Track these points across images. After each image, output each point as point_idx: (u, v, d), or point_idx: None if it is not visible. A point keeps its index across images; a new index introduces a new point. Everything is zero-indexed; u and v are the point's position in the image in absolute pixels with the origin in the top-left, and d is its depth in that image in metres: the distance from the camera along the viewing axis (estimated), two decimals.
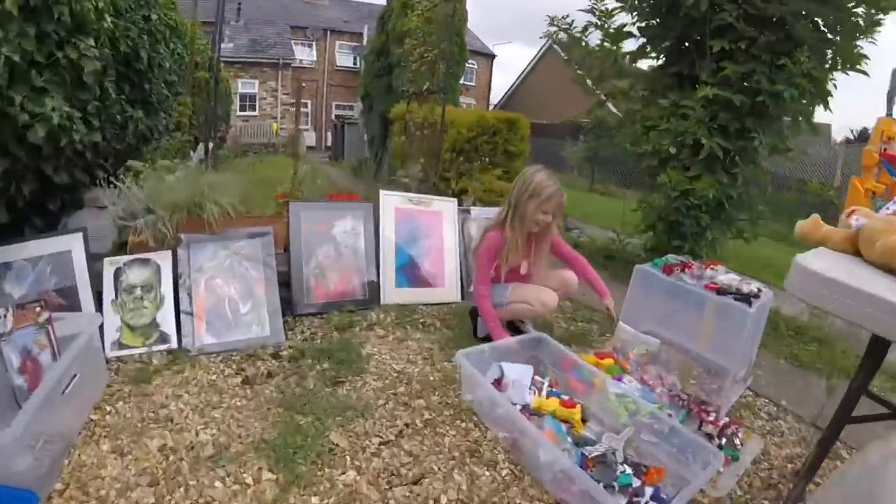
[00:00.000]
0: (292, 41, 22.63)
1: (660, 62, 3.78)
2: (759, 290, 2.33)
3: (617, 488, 1.63)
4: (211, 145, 3.43)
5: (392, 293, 2.96)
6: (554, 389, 2.16)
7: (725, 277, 2.42)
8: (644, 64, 3.97)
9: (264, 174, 4.45)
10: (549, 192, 2.34)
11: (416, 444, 1.86)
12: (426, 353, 2.49)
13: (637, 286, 2.69)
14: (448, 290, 3.16)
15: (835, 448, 2.27)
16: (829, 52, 3.12)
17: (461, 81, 9.90)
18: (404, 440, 1.87)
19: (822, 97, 3.04)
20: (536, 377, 2.18)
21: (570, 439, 1.91)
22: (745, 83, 3.15)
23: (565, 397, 2.11)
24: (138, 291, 2.33)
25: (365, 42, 20.33)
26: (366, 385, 2.19)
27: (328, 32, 24.01)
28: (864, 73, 2.96)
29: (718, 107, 3.25)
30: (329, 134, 20.27)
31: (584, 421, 2.04)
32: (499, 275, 2.50)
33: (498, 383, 2.12)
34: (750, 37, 3.14)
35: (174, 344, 2.31)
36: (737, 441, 2.09)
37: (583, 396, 2.16)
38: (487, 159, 4.99)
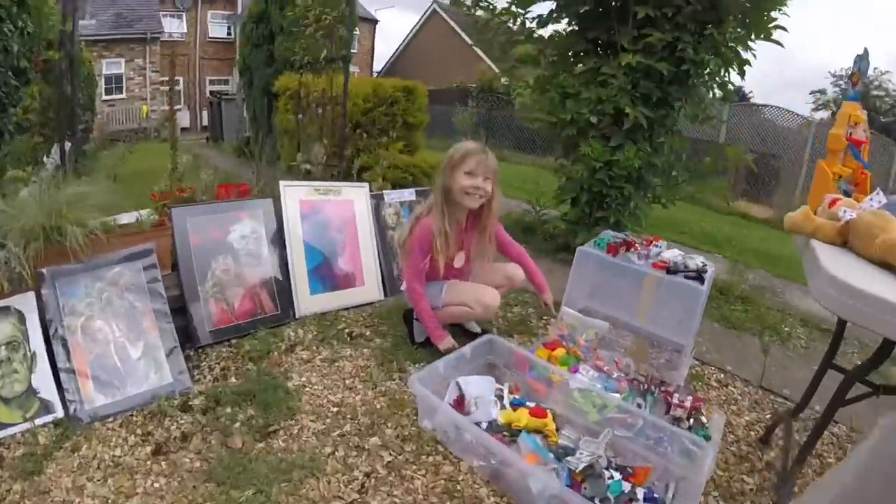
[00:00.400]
0: (160, 13, 20.23)
1: (572, 27, 3.61)
2: (704, 265, 2.34)
3: (612, 501, 1.53)
4: (69, 145, 2.73)
5: (308, 302, 2.56)
6: (517, 397, 1.96)
7: (670, 254, 2.40)
8: (553, 30, 3.78)
9: (137, 166, 3.75)
10: (468, 149, 2.12)
11: (384, 498, 1.55)
12: (363, 373, 2.15)
13: (580, 268, 2.56)
14: (369, 288, 2.82)
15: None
16: (745, 21, 3.13)
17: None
18: (370, 495, 1.56)
19: (741, 66, 3.08)
20: (497, 385, 1.95)
21: (550, 455, 1.71)
22: (671, 52, 3.06)
23: (531, 404, 1.92)
24: (3, 352, 1.76)
25: (240, 10, 18.69)
26: (304, 430, 1.81)
27: (199, 1, 21.89)
28: (779, 43, 3.04)
29: (640, 75, 3.16)
30: (205, 113, 18.48)
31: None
32: (435, 269, 2.18)
33: (459, 403, 1.85)
34: (676, 4, 3.04)
35: (60, 412, 1.79)
36: (703, 419, 2.06)
37: (545, 398, 2.00)
38: (393, 133, 4.63)
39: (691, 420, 2.05)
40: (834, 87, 23.87)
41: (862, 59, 1.80)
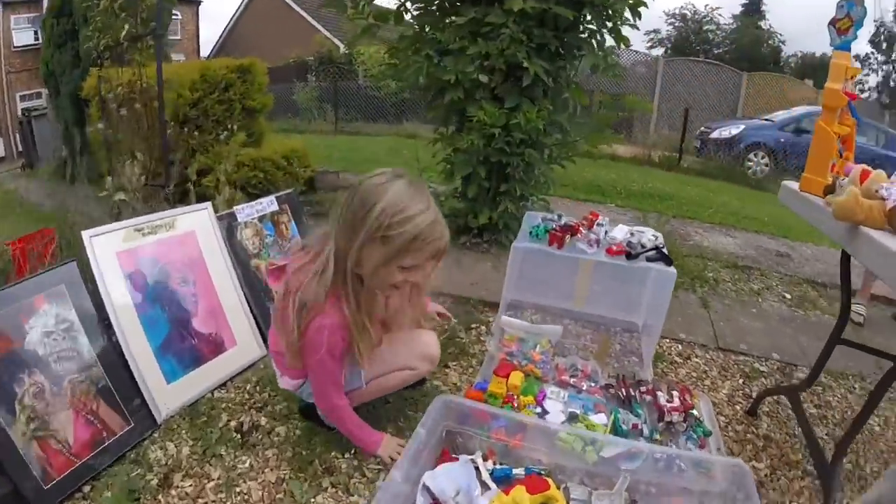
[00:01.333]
0: None
1: None
2: (656, 237, 2.11)
3: None
4: None
5: (167, 396, 1.80)
6: (497, 467, 1.49)
7: (620, 234, 2.10)
8: None
9: None
10: (420, 228, 1.27)
11: None
12: (280, 493, 1.49)
13: (518, 266, 2.16)
14: (243, 347, 2.09)
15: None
16: None
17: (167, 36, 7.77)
18: None
19: (635, 7, 2.79)
20: (468, 458, 1.49)
21: None
22: None
23: (519, 472, 1.47)
24: None
25: (44, 8, 15.36)
26: None
27: (1, 6, 17.87)
28: None
29: (534, 23, 2.73)
30: (18, 135, 15.04)
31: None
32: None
33: None
34: None
35: None
36: (696, 413, 1.87)
37: (525, 449, 1.55)
38: (232, 124, 3.78)
39: (686, 420, 1.82)
40: (668, 26, 25.69)
41: (852, 5, 1.53)
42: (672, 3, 32.64)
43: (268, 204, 2.46)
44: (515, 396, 1.79)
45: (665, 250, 2.00)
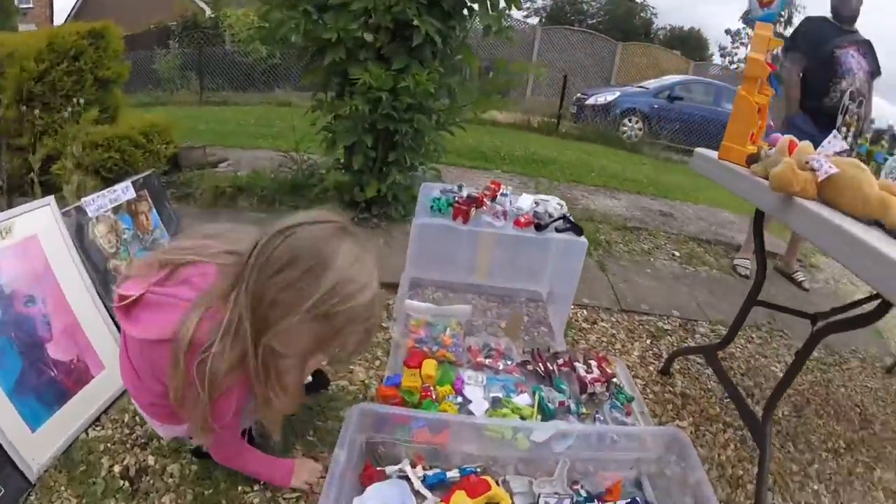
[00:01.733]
0: None
1: None
2: (561, 205, 2.04)
3: None
4: None
5: (35, 448, 1.38)
6: (431, 473, 1.35)
7: (526, 204, 2.01)
8: None
9: None
10: (355, 311, 0.96)
11: None
12: None
13: (420, 245, 1.99)
14: (112, 370, 1.70)
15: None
16: None
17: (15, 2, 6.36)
18: None
19: None
20: (396, 469, 1.33)
21: None
22: None
23: (453, 475, 1.35)
24: None
25: None
26: None
27: None
28: None
29: None
30: None
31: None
32: None
33: None
34: None
35: None
36: (616, 381, 1.88)
37: (451, 447, 1.42)
38: (80, 98, 3.14)
39: (609, 389, 1.83)
40: None
41: None
42: None
43: (123, 191, 2.04)
44: (432, 388, 1.64)
45: (572, 219, 1.92)
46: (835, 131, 1.38)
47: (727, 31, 28.01)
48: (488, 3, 2.73)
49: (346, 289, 0.92)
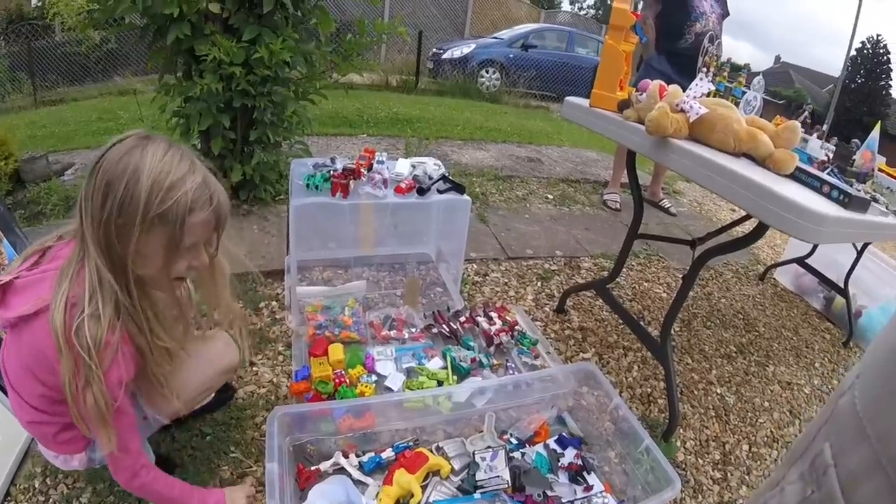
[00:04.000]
0: None
1: None
2: (438, 165, 2.09)
3: (557, 472, 1.40)
4: None
5: None
6: (366, 459, 1.35)
7: (404, 169, 2.00)
8: None
9: None
10: (190, 197, 0.94)
11: None
12: None
13: (300, 225, 1.91)
14: (4, 441, 1.42)
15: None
16: None
17: None
18: None
19: None
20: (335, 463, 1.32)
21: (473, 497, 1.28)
22: None
23: (388, 455, 1.36)
24: None
25: None
26: None
27: None
28: None
29: None
30: None
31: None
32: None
33: None
34: None
35: None
36: (518, 328, 2.01)
37: (378, 427, 1.43)
38: None
39: (513, 337, 1.95)
40: None
41: None
42: None
43: None
44: (344, 373, 1.62)
45: (451, 178, 1.96)
46: (701, 73, 1.51)
47: None
48: None
49: (165, 181, 0.92)
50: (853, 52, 20.74)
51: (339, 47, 2.91)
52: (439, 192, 1.89)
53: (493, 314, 2.01)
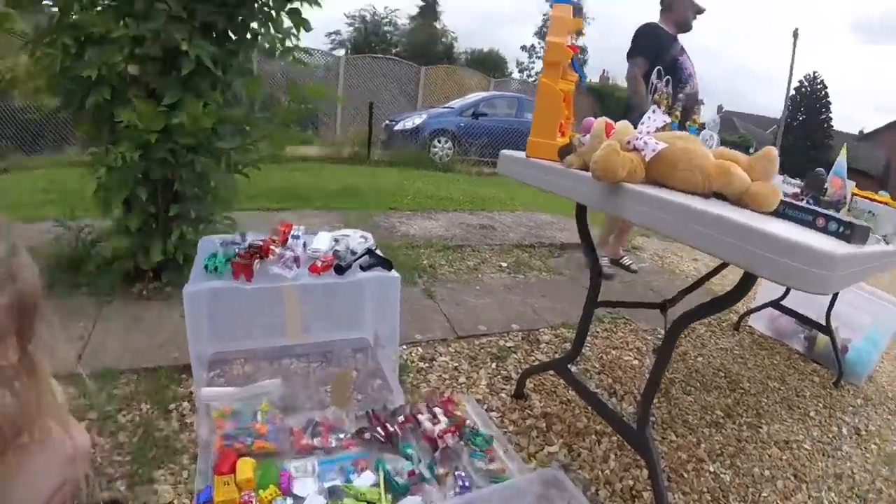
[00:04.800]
0: None
1: None
2: (365, 238, 1.87)
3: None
4: None
5: None
6: None
7: (323, 244, 1.77)
8: None
9: None
10: None
11: None
12: None
13: (197, 315, 1.62)
14: None
15: None
16: None
17: None
18: None
19: None
20: None
21: None
22: None
23: None
24: None
25: None
26: None
27: None
28: None
29: None
30: None
31: None
32: None
33: None
34: None
35: None
36: (469, 423, 1.71)
37: None
38: None
39: (461, 439, 1.63)
40: (348, 28, 27.23)
41: None
42: (352, 4, 34.76)
43: None
44: (254, 495, 1.29)
45: (378, 251, 1.73)
46: (654, 106, 1.32)
47: (523, 48, 31.02)
48: (270, 24, 2.46)
49: None
50: (792, 92, 22.19)
51: (270, 115, 2.72)
52: (362, 268, 1.64)
53: (438, 409, 1.71)
